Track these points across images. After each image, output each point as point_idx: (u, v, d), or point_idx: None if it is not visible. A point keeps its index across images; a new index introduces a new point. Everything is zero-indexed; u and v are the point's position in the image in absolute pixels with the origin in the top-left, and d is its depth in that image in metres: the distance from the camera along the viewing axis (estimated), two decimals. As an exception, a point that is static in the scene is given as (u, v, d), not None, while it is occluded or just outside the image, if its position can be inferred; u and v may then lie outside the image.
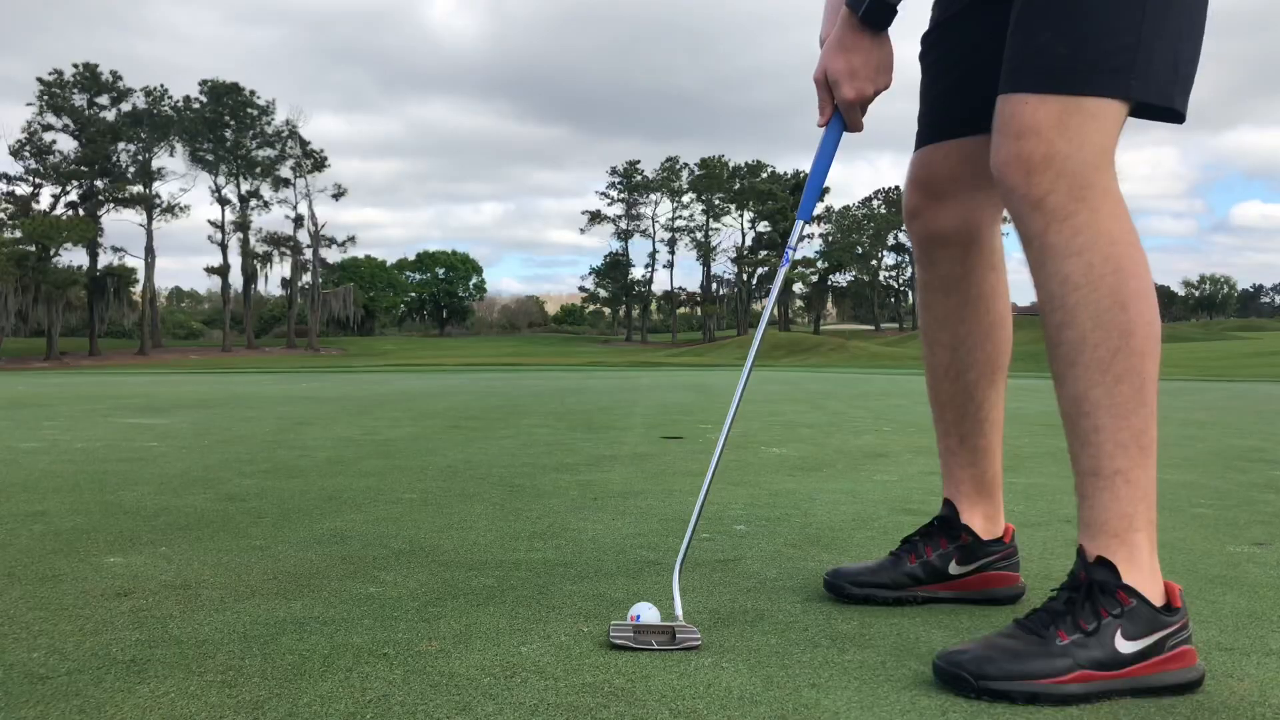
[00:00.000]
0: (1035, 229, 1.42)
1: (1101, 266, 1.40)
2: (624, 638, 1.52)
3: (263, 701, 1.28)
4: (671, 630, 1.54)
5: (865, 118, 1.68)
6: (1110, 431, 1.41)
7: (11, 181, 64.82)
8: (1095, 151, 1.40)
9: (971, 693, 1.32)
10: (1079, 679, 1.33)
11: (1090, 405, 1.42)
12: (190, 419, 6.54)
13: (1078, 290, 1.40)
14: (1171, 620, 1.39)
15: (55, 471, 3.66)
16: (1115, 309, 1.40)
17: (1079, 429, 1.44)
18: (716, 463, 1.70)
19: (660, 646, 1.51)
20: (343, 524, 2.57)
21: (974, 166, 1.69)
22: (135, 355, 63.38)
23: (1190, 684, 1.36)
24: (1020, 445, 4.90)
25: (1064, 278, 1.41)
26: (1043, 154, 1.39)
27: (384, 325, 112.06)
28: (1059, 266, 1.41)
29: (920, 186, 1.78)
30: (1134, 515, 1.41)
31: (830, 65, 1.62)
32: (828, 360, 45.76)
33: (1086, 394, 1.42)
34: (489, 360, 47.42)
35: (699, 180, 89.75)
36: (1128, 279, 1.40)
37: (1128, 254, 1.41)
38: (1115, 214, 1.41)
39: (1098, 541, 1.42)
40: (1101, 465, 1.42)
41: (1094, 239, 1.40)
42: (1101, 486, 1.42)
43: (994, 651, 1.36)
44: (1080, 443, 1.44)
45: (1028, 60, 1.42)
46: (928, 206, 1.77)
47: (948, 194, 1.74)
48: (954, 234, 1.75)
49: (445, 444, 4.76)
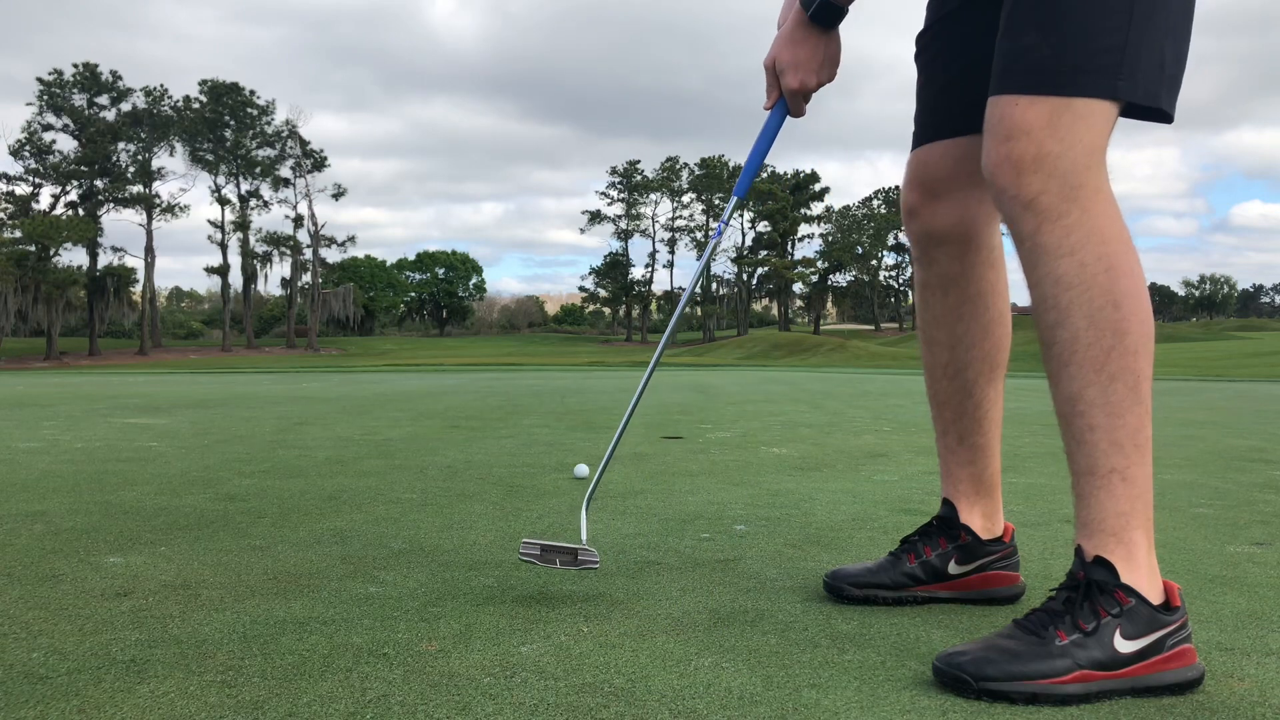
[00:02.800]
0: (1027, 229, 1.42)
1: (1094, 266, 1.40)
2: (530, 555, 1.70)
3: (263, 701, 1.28)
4: (575, 552, 1.68)
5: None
6: (1105, 430, 1.40)
7: (11, 181, 64.83)
8: (1085, 151, 1.40)
9: (972, 694, 1.32)
10: (1079, 679, 1.33)
11: (1085, 404, 1.41)
12: (190, 419, 6.54)
13: (1070, 290, 1.40)
14: (1170, 619, 1.39)
15: (55, 471, 3.66)
16: (1108, 308, 1.40)
17: (1074, 428, 1.44)
18: (616, 443, 1.85)
19: (563, 565, 1.67)
20: (343, 524, 2.57)
21: (970, 165, 1.69)
22: (135, 355, 63.40)
23: (1190, 683, 1.36)
24: (1020, 445, 4.90)
25: (1057, 278, 1.41)
26: (1033, 155, 1.40)
27: (384, 325, 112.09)
28: (1052, 266, 1.41)
29: (917, 186, 1.78)
30: (1131, 514, 1.41)
31: (779, 54, 1.71)
32: (828, 360, 45.75)
33: (1081, 393, 1.42)
34: (489, 360, 47.41)
35: (699, 180, 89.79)
36: (1120, 278, 1.40)
37: (1120, 253, 1.41)
38: (1107, 213, 1.41)
39: (1095, 541, 1.42)
40: (1098, 464, 1.41)
41: (1086, 238, 1.40)
42: (1098, 485, 1.42)
43: (993, 652, 1.36)
44: (1076, 442, 1.44)
45: (1016, 61, 1.43)
46: (925, 205, 1.77)
47: (945, 193, 1.75)
48: (951, 232, 1.75)
49: (445, 444, 4.76)
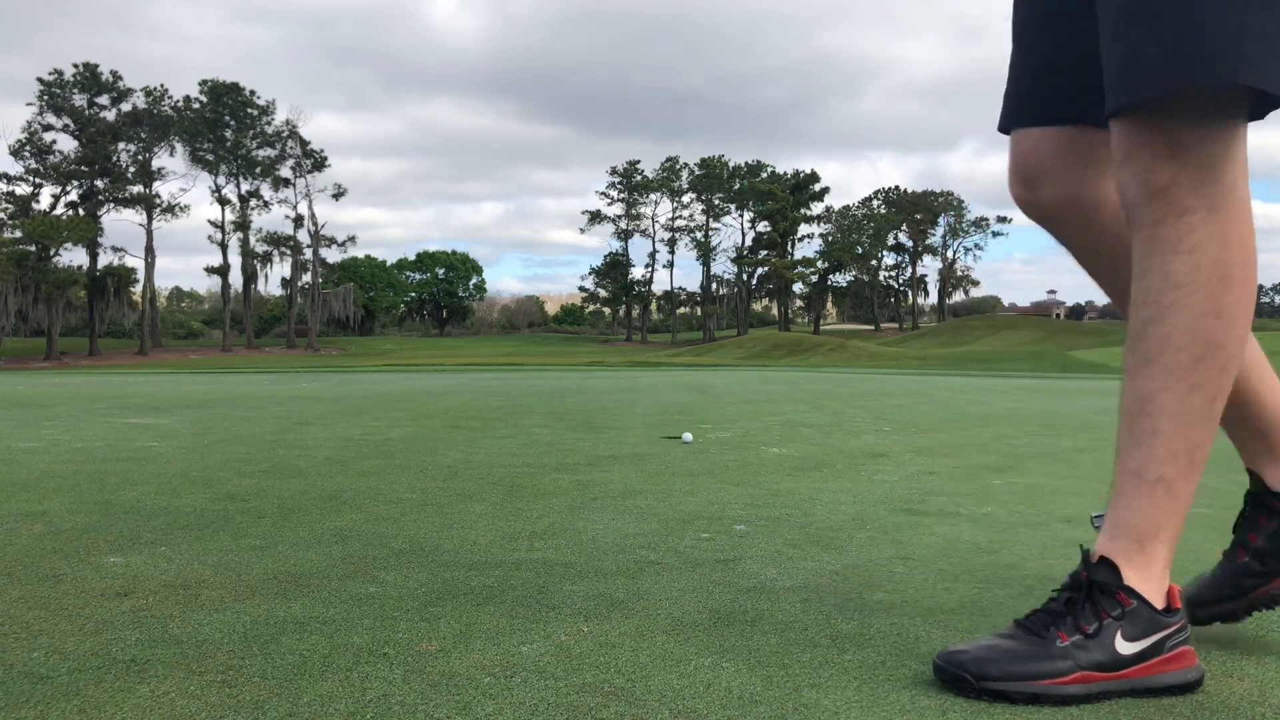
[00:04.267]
0: (1149, 218, 1.35)
1: (1209, 270, 1.33)
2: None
3: (263, 701, 1.28)
4: None
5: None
6: (1169, 438, 1.36)
7: (11, 181, 64.79)
8: (1223, 146, 1.32)
9: (972, 693, 1.32)
10: (1079, 680, 1.33)
11: (1156, 407, 1.36)
12: (190, 419, 6.54)
13: (1177, 289, 1.34)
14: (1171, 621, 1.38)
15: (55, 471, 3.66)
16: (1210, 316, 1.33)
17: (1137, 428, 1.38)
18: None
19: None
20: (343, 524, 2.57)
21: (1070, 156, 1.57)
22: (135, 355, 63.38)
23: (1189, 684, 1.36)
24: (1020, 445, 4.90)
25: (1167, 274, 1.34)
26: (1167, 144, 1.32)
27: (384, 325, 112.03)
28: (1164, 261, 1.35)
29: (1019, 178, 1.64)
30: (1164, 526, 1.38)
31: None
32: (828, 360, 45.75)
33: (1155, 395, 1.36)
34: (489, 360, 47.41)
35: (699, 180, 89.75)
36: (1232, 287, 1.34)
37: (1239, 262, 1.34)
38: (1235, 216, 1.34)
39: (1117, 543, 1.39)
40: (1148, 469, 1.37)
41: (1208, 239, 1.33)
42: (1142, 490, 1.37)
43: (995, 652, 1.35)
44: (1133, 441, 1.39)
45: (1147, 50, 1.31)
46: (1028, 193, 1.64)
47: (1046, 181, 1.61)
48: (1066, 212, 1.62)
49: (445, 444, 4.76)
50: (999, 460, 4.24)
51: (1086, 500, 3.09)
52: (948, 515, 2.79)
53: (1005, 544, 2.38)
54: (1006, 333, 67.68)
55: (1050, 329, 68.27)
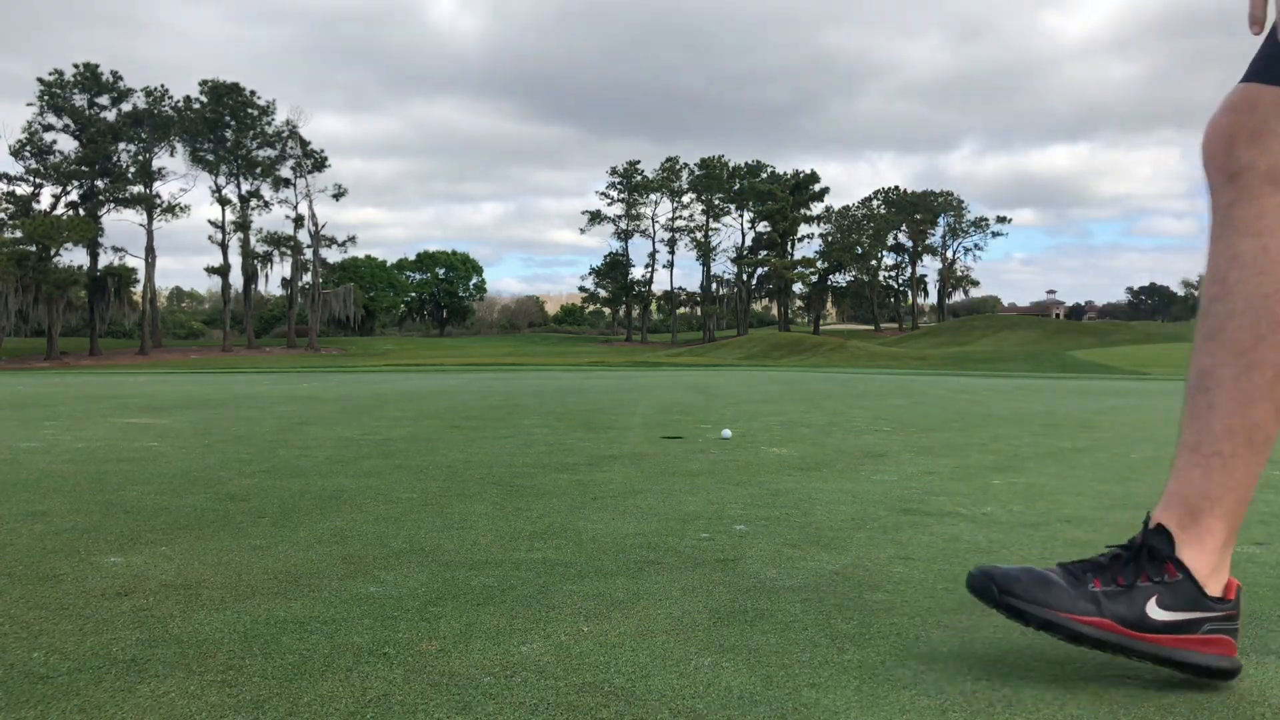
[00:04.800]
0: (1225, 200, 1.39)
1: (1277, 254, 1.35)
2: None
3: (263, 701, 1.28)
4: None
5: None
6: (1224, 414, 1.37)
7: (12, 181, 64.75)
8: None
9: (992, 603, 1.35)
10: (1097, 624, 1.34)
11: (1214, 382, 1.38)
12: (190, 419, 6.54)
13: (1243, 269, 1.36)
14: (1217, 607, 1.37)
15: (55, 471, 3.66)
16: (1274, 298, 1.35)
17: (1196, 403, 1.40)
18: None
19: None
20: (343, 524, 2.57)
21: None
22: (135, 355, 63.37)
23: (1219, 670, 1.34)
24: (1020, 445, 4.90)
25: (1235, 254, 1.37)
26: (1251, 129, 1.36)
27: (384, 325, 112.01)
28: (1233, 241, 1.37)
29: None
30: (1219, 500, 1.37)
31: None
32: (828, 360, 45.75)
33: (1214, 370, 1.38)
34: (489, 360, 47.40)
35: (699, 180, 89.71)
36: None
37: None
38: None
39: (1170, 511, 1.39)
40: (1203, 443, 1.38)
41: (1277, 225, 1.35)
42: (1196, 462, 1.38)
43: (1027, 575, 1.38)
44: (1192, 415, 1.41)
45: (1267, 47, 1.38)
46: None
47: None
48: None
49: (445, 444, 4.76)
50: (999, 460, 4.24)
51: (1086, 500, 3.09)
52: (947, 515, 2.79)
53: (1005, 544, 2.38)
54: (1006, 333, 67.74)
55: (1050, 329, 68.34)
